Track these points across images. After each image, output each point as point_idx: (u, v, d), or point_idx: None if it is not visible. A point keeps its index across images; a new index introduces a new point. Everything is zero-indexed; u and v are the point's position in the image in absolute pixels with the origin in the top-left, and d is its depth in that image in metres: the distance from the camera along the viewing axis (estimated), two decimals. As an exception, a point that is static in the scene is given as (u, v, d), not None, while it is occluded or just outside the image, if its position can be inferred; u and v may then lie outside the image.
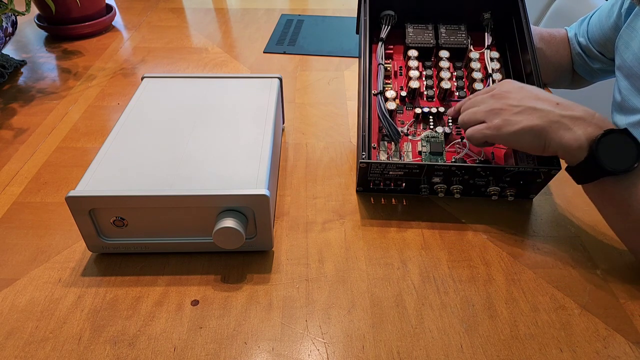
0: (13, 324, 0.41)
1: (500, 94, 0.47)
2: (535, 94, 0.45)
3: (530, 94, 0.45)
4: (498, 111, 0.45)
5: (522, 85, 0.47)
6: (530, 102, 0.44)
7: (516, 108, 0.44)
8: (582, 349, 0.40)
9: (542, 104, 0.44)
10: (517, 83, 0.48)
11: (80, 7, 0.90)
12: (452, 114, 0.54)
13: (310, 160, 0.61)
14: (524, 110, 0.44)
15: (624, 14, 0.61)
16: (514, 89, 0.47)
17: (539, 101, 0.44)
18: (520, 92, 0.46)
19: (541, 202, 0.55)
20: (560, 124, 0.42)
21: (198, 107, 0.54)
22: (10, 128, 0.67)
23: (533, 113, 0.43)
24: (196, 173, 0.44)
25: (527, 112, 0.44)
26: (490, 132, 0.45)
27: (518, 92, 0.46)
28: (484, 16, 0.61)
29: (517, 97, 0.45)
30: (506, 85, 0.48)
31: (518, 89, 0.46)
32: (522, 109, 0.44)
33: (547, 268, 0.47)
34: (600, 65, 0.67)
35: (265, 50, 0.91)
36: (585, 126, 0.41)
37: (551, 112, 0.43)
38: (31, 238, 0.49)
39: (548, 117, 0.43)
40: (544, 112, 0.43)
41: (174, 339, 0.40)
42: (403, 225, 0.51)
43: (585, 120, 0.42)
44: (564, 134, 0.42)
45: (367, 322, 0.41)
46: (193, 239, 0.46)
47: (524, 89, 0.46)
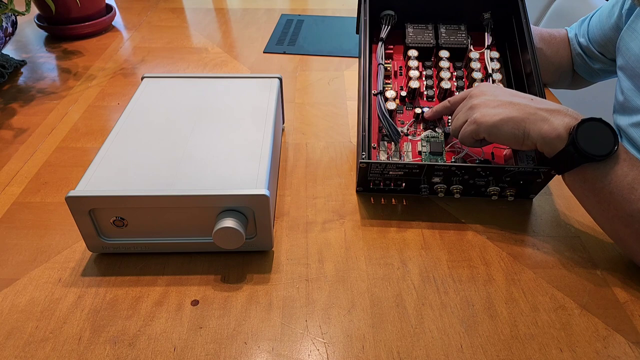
0: (13, 324, 0.41)
1: (477, 93, 0.49)
2: (510, 92, 0.48)
3: (505, 91, 0.48)
4: (476, 106, 0.47)
5: (497, 85, 0.50)
6: (507, 97, 0.46)
7: (494, 102, 0.46)
8: (582, 349, 0.40)
9: (518, 98, 0.46)
10: (492, 84, 0.51)
11: (80, 7, 0.90)
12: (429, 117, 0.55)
13: (310, 160, 0.61)
14: (502, 104, 0.46)
15: (625, 15, 0.61)
16: (489, 88, 0.49)
17: (515, 97, 0.46)
18: (496, 90, 0.48)
19: (541, 202, 0.55)
20: (538, 116, 0.44)
21: (198, 107, 0.54)
22: (10, 128, 0.67)
23: (510, 106, 0.45)
24: (196, 173, 0.44)
25: (505, 106, 0.45)
26: (471, 126, 0.47)
27: (494, 90, 0.48)
28: (484, 16, 0.61)
29: (493, 93, 0.47)
30: (481, 86, 0.50)
31: (493, 88, 0.49)
32: (499, 102, 0.46)
33: (547, 268, 0.47)
34: (601, 66, 0.67)
35: (265, 50, 0.91)
36: (562, 117, 0.43)
37: (528, 105, 0.45)
38: (31, 238, 0.49)
39: (525, 110, 0.44)
40: (521, 105, 0.45)
41: (174, 339, 0.40)
42: (403, 225, 0.51)
43: (560, 112, 0.44)
44: (542, 125, 0.43)
45: (367, 322, 0.41)
46: (193, 239, 0.46)
47: (499, 87, 0.49)
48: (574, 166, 0.44)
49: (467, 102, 0.49)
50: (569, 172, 0.45)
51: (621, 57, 0.60)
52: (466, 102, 0.49)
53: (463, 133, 0.48)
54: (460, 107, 0.50)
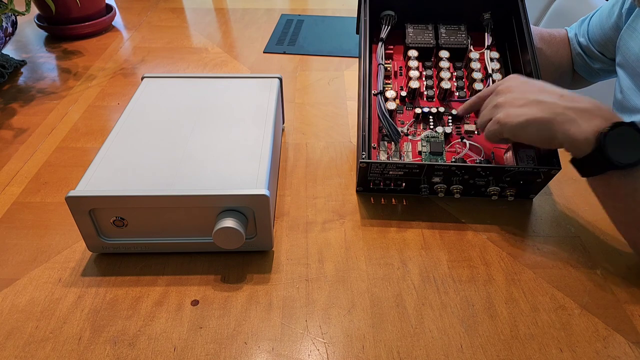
0: (13, 324, 0.41)
1: (504, 89, 0.47)
2: (539, 87, 0.45)
3: (533, 87, 0.45)
4: (501, 104, 0.45)
5: (526, 79, 0.47)
6: (534, 94, 0.44)
7: (520, 100, 0.44)
8: (582, 349, 0.40)
9: (546, 96, 0.43)
10: (522, 77, 0.48)
11: (80, 7, 0.90)
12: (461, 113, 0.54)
13: (310, 160, 0.61)
14: (528, 102, 0.43)
15: (625, 14, 0.61)
16: (517, 83, 0.46)
17: (543, 93, 0.44)
18: (524, 86, 0.46)
19: (541, 202, 0.55)
20: (566, 116, 0.41)
21: (198, 107, 0.54)
22: (10, 128, 0.67)
23: (537, 105, 0.43)
24: (196, 173, 0.44)
25: (531, 105, 0.43)
26: (495, 126, 0.45)
27: (521, 85, 0.46)
28: (484, 16, 0.61)
29: (520, 90, 0.45)
30: (510, 80, 0.48)
31: (521, 83, 0.46)
32: (525, 101, 0.44)
33: (547, 268, 0.47)
34: (601, 65, 0.67)
35: (265, 50, 0.91)
36: (591, 118, 0.41)
37: (556, 104, 0.42)
38: (31, 238, 0.49)
39: (553, 109, 0.42)
40: (548, 104, 0.42)
41: (174, 339, 0.40)
42: (403, 225, 0.51)
43: (591, 113, 0.41)
44: (570, 127, 0.41)
45: (367, 322, 0.41)
46: (193, 239, 0.46)
47: (528, 82, 0.46)
48: (600, 172, 0.42)
49: (493, 98, 0.47)
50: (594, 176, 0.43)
51: (620, 55, 0.60)
52: (492, 98, 0.47)
53: (487, 132, 0.47)
54: (487, 102, 0.48)
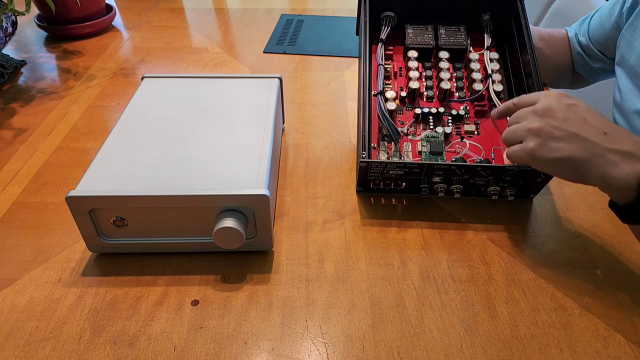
0: (13, 324, 0.41)
1: (544, 110, 0.41)
2: (583, 117, 0.40)
3: (576, 115, 0.40)
4: (537, 131, 0.40)
5: (570, 102, 0.41)
6: (575, 127, 0.39)
7: (558, 131, 0.39)
8: (582, 349, 0.40)
9: (589, 131, 0.38)
10: (566, 98, 0.42)
11: (80, 7, 0.90)
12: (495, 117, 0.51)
13: (310, 160, 0.61)
14: (567, 136, 0.39)
15: (626, 14, 0.61)
16: (560, 106, 0.41)
17: (585, 127, 0.39)
18: (566, 112, 0.40)
19: (541, 202, 0.55)
20: (605, 159, 0.37)
21: (198, 107, 0.54)
22: (10, 128, 0.67)
23: (576, 142, 0.38)
24: (196, 173, 0.44)
25: (570, 139, 0.38)
26: (524, 155, 0.41)
27: (564, 111, 0.40)
28: (483, 17, 0.61)
29: (561, 117, 0.40)
30: (553, 98, 0.42)
31: (565, 108, 0.40)
32: (564, 134, 0.39)
33: (547, 268, 0.47)
34: (601, 65, 0.67)
35: (265, 50, 0.91)
36: (634, 163, 0.37)
37: (597, 144, 0.38)
38: (31, 238, 0.49)
39: (592, 149, 0.38)
40: (588, 142, 0.38)
41: (174, 339, 0.40)
42: (403, 225, 0.51)
43: (635, 156, 0.37)
44: (609, 170, 0.37)
45: (367, 322, 0.41)
46: (193, 239, 0.46)
47: (571, 108, 0.40)
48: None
49: (530, 117, 0.42)
50: None
51: (620, 54, 0.60)
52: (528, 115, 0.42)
53: (513, 154, 0.42)
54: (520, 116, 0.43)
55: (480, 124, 0.56)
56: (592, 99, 0.46)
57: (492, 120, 0.55)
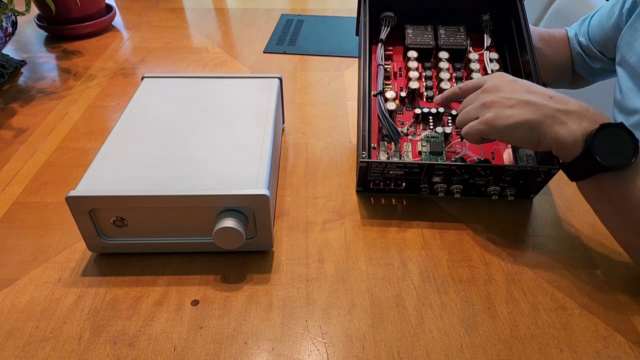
0: (13, 324, 0.41)
1: (492, 87, 0.45)
2: (528, 87, 0.44)
3: (522, 87, 0.44)
4: (490, 104, 0.44)
5: (513, 78, 0.46)
6: (523, 95, 0.43)
7: (509, 101, 0.43)
8: (582, 349, 0.40)
9: (536, 97, 0.43)
10: (509, 76, 0.47)
11: (80, 7, 0.90)
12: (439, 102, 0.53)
13: (310, 160, 0.61)
14: (518, 103, 0.43)
15: (625, 14, 0.61)
16: (505, 82, 0.45)
17: (532, 94, 0.43)
18: (512, 85, 0.45)
19: (541, 202, 0.55)
20: (555, 118, 0.41)
21: (198, 107, 0.54)
22: (10, 128, 0.67)
23: (527, 106, 0.42)
24: (196, 173, 0.44)
25: (521, 106, 0.42)
26: (483, 126, 0.44)
27: (509, 85, 0.45)
28: (483, 17, 0.61)
29: (509, 89, 0.44)
30: (496, 79, 0.46)
31: (509, 82, 0.45)
32: (515, 102, 0.43)
33: (547, 268, 0.47)
34: (601, 65, 0.67)
35: (265, 50, 0.91)
36: (579, 120, 0.40)
37: (545, 105, 0.42)
38: (31, 238, 0.49)
39: (542, 111, 0.41)
40: (538, 105, 0.42)
41: (174, 339, 0.40)
42: (403, 225, 0.51)
43: (579, 115, 0.41)
44: (559, 129, 0.41)
45: (367, 322, 0.41)
46: (193, 239, 0.46)
47: (516, 82, 0.45)
48: (589, 175, 0.41)
49: (480, 96, 0.46)
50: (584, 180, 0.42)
51: (620, 55, 0.60)
52: (478, 95, 0.46)
53: (470, 129, 0.45)
54: (471, 98, 0.47)
55: (480, 124, 0.56)
56: (592, 99, 0.46)
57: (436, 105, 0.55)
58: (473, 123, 0.45)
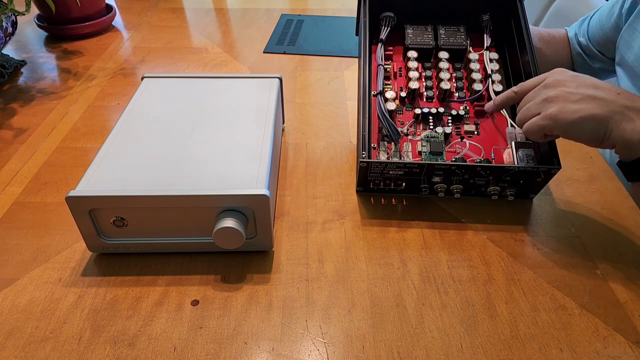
0: (13, 324, 0.41)
1: (554, 82, 0.44)
2: (593, 82, 0.43)
3: (587, 82, 0.43)
4: (553, 99, 0.42)
5: (576, 74, 0.44)
6: (589, 90, 0.42)
7: (574, 95, 0.41)
8: (582, 349, 0.40)
9: (602, 92, 0.41)
10: (571, 72, 0.45)
11: (80, 7, 0.90)
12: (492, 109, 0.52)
13: (310, 160, 0.61)
14: (583, 98, 0.41)
15: (625, 14, 0.61)
16: (568, 77, 0.44)
17: (599, 89, 0.41)
18: (576, 80, 0.43)
19: (541, 202, 0.55)
20: (623, 115, 0.39)
21: (198, 107, 0.54)
22: (10, 128, 0.67)
23: (593, 101, 0.40)
24: (196, 173, 0.44)
25: (587, 101, 0.41)
26: (546, 122, 0.42)
27: (573, 80, 0.43)
28: (482, 17, 0.61)
29: (573, 84, 0.43)
30: (558, 74, 0.45)
31: (573, 77, 0.44)
32: (580, 96, 0.41)
33: (547, 268, 0.47)
34: (601, 65, 0.67)
35: (265, 50, 0.91)
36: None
37: (613, 101, 0.40)
38: (31, 238, 0.49)
39: (610, 107, 0.40)
40: (605, 100, 0.40)
41: (174, 339, 0.40)
42: (403, 225, 0.51)
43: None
44: (627, 126, 0.39)
45: (367, 322, 0.41)
46: (193, 239, 0.46)
47: (580, 77, 0.44)
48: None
49: (541, 92, 0.44)
50: None
51: (619, 55, 0.60)
52: (539, 91, 0.44)
53: (532, 126, 0.43)
54: (532, 95, 0.45)
55: (480, 124, 0.56)
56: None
57: (488, 114, 0.55)
58: (535, 119, 0.44)
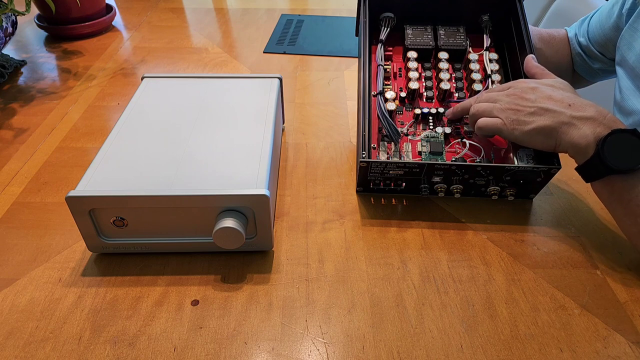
0: (13, 324, 0.41)
1: (516, 93, 0.48)
2: (548, 95, 0.46)
3: (543, 94, 0.46)
4: (513, 111, 0.47)
5: (536, 85, 0.48)
6: (543, 102, 0.46)
7: (530, 108, 0.46)
8: (582, 349, 0.40)
9: (555, 104, 0.45)
10: (532, 82, 0.49)
11: (80, 7, 0.90)
12: (450, 116, 0.55)
13: (310, 160, 0.61)
14: (537, 110, 0.45)
15: (625, 14, 0.61)
16: (528, 89, 0.48)
17: (551, 101, 0.45)
18: (534, 93, 0.47)
19: (541, 202, 0.55)
20: (571, 125, 0.43)
21: (198, 107, 0.54)
22: (10, 128, 0.67)
23: (545, 114, 0.45)
24: (196, 173, 0.44)
25: (540, 113, 0.45)
26: (504, 128, 0.47)
27: (532, 92, 0.47)
28: (482, 18, 0.61)
29: (531, 97, 0.47)
30: (521, 84, 0.49)
31: (531, 90, 0.48)
32: (535, 109, 0.46)
33: (547, 268, 0.47)
34: (601, 65, 0.67)
35: (265, 50, 0.91)
36: (594, 126, 0.43)
37: (562, 113, 0.44)
38: (31, 238, 0.49)
39: (559, 119, 0.44)
40: (555, 113, 0.45)
41: (174, 339, 0.40)
42: (403, 225, 0.51)
43: (595, 120, 0.43)
44: (574, 133, 0.43)
45: (367, 322, 0.41)
46: (193, 239, 0.46)
47: (538, 89, 0.47)
48: (599, 177, 0.43)
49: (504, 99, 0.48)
50: (597, 182, 0.45)
51: (620, 55, 0.60)
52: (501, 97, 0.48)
53: (490, 124, 0.48)
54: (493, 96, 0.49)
55: (480, 124, 0.56)
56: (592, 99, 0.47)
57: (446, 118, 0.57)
58: (495, 121, 0.47)
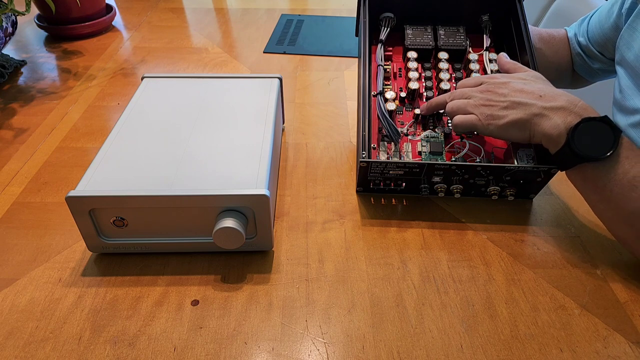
0: (13, 324, 0.41)
1: (489, 89, 0.49)
2: (520, 88, 0.47)
3: (515, 88, 0.48)
4: (487, 106, 0.48)
5: (508, 80, 0.49)
6: (515, 96, 0.47)
7: (503, 103, 0.47)
8: (582, 349, 0.40)
9: (526, 97, 0.46)
10: (504, 77, 0.50)
11: (80, 7, 0.90)
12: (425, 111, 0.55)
13: (310, 160, 0.61)
14: (510, 104, 0.46)
15: (625, 14, 0.61)
16: (500, 84, 0.49)
17: (523, 94, 0.47)
18: (507, 87, 0.48)
19: (541, 202, 0.55)
20: (542, 116, 0.44)
21: (198, 107, 0.54)
22: (10, 128, 0.67)
23: (517, 107, 0.46)
24: (196, 173, 0.44)
25: (512, 107, 0.46)
26: (479, 124, 0.48)
27: (504, 87, 0.48)
28: (482, 18, 0.61)
29: (504, 92, 0.48)
30: (494, 79, 0.50)
31: (503, 84, 0.49)
32: (508, 103, 0.47)
33: (547, 268, 0.47)
34: (600, 65, 0.67)
35: (265, 50, 0.91)
36: (565, 115, 0.44)
37: (534, 104, 0.45)
38: (31, 238, 0.49)
39: (530, 110, 0.45)
40: (527, 105, 0.45)
41: (174, 339, 0.40)
42: (403, 225, 0.51)
43: (566, 110, 0.44)
44: (546, 124, 0.44)
45: (367, 322, 0.41)
46: (193, 239, 0.46)
47: (510, 84, 0.48)
48: (571, 165, 0.45)
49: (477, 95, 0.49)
50: (571, 170, 0.45)
51: (619, 54, 0.60)
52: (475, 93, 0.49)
53: (466, 121, 0.48)
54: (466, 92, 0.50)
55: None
56: (592, 99, 0.47)
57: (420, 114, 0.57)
58: (470, 118, 0.49)
